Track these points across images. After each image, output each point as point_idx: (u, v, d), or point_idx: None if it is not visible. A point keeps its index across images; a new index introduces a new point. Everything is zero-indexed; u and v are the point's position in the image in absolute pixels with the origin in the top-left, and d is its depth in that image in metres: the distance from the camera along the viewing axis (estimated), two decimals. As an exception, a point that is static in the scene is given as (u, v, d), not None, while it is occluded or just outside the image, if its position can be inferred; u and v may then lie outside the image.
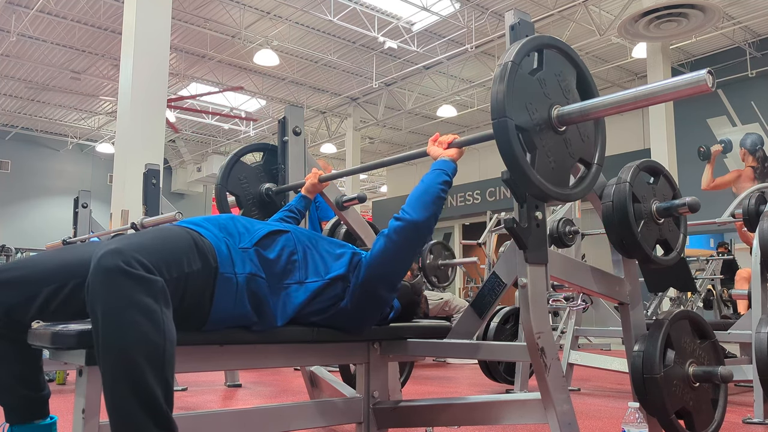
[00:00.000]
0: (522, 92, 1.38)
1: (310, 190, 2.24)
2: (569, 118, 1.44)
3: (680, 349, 1.81)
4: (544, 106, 1.43)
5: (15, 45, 10.03)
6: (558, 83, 1.48)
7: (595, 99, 1.44)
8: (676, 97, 1.26)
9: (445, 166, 1.72)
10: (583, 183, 1.54)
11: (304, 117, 2.55)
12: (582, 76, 1.55)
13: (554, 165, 1.44)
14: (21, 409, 1.48)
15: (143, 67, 5.74)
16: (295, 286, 1.59)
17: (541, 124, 1.41)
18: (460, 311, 5.03)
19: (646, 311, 5.10)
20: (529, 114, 1.39)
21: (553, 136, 1.44)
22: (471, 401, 1.76)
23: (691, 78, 1.20)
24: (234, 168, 2.48)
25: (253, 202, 2.52)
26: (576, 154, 1.51)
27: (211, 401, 3.29)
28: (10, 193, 14.43)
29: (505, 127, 1.32)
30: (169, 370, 1.24)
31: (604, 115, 1.45)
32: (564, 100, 1.48)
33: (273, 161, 2.56)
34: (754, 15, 9.02)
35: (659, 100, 1.30)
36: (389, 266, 1.65)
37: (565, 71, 1.51)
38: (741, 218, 3.01)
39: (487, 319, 2.41)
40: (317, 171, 2.25)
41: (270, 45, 9.90)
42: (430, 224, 1.65)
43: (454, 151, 1.76)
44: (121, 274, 1.21)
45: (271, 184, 2.54)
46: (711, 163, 10.43)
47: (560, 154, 1.46)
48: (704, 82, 1.17)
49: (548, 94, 1.44)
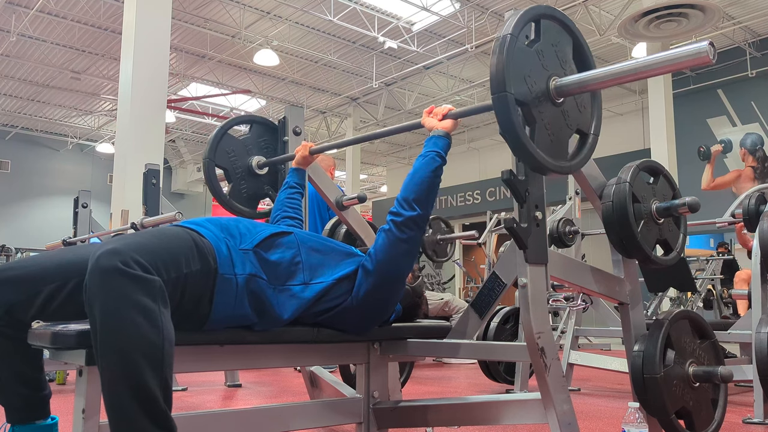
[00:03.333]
0: (520, 65, 1.35)
1: (301, 162, 2.23)
2: (568, 90, 1.42)
3: (680, 349, 1.81)
4: (543, 78, 1.41)
5: (15, 45, 10.03)
6: (555, 54, 1.45)
7: (594, 71, 1.42)
8: (675, 68, 1.23)
9: (438, 145, 1.70)
10: (581, 154, 1.53)
11: (304, 117, 2.55)
12: (578, 45, 1.52)
13: (553, 137, 1.42)
14: (22, 409, 1.48)
15: (143, 67, 5.74)
16: (299, 287, 1.59)
17: (540, 97, 1.39)
18: (460, 312, 5.03)
19: (646, 311, 5.10)
20: (528, 87, 1.36)
21: (552, 107, 1.42)
22: (471, 401, 1.76)
23: (691, 49, 1.18)
24: (222, 141, 2.43)
25: (242, 176, 2.47)
26: (573, 125, 1.49)
27: (211, 401, 3.29)
28: (10, 193, 14.43)
29: (505, 101, 1.30)
30: (168, 370, 1.24)
31: (603, 86, 1.42)
32: (561, 71, 1.46)
33: (261, 133, 2.52)
34: (754, 15, 9.02)
35: (658, 72, 1.27)
36: (396, 262, 1.65)
37: (562, 41, 1.48)
38: (741, 218, 3.01)
39: (487, 319, 2.41)
40: (307, 143, 2.24)
41: (270, 45, 9.90)
42: (430, 213, 1.67)
43: (449, 122, 1.74)
44: (118, 274, 1.21)
45: (259, 156, 2.50)
46: (711, 163, 10.43)
47: (558, 126, 1.44)
48: (705, 54, 1.15)
49: (546, 65, 1.42)
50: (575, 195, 3.75)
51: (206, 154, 2.41)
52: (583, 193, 2.08)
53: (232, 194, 2.44)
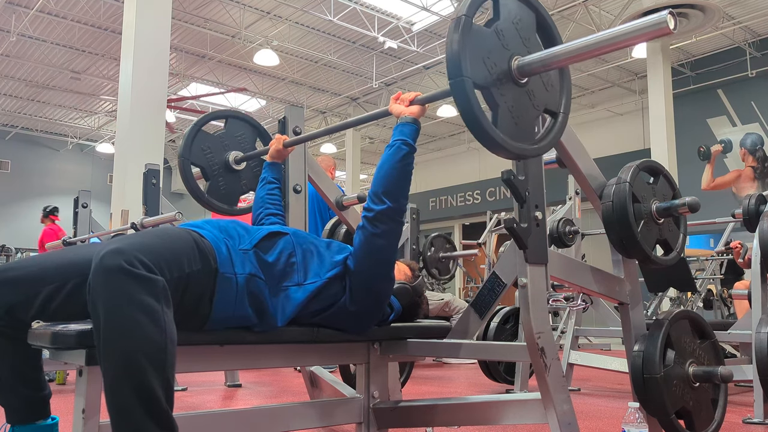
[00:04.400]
0: (478, 47, 1.28)
1: (275, 156, 2.19)
2: (530, 69, 1.35)
3: (680, 349, 1.81)
4: (503, 59, 1.33)
5: (15, 45, 10.03)
6: (517, 31, 1.38)
7: (556, 47, 1.35)
8: (637, 40, 1.18)
9: (404, 133, 1.67)
10: (551, 134, 1.45)
11: (304, 117, 2.54)
12: (542, 20, 1.45)
13: (518, 120, 1.36)
14: (22, 410, 1.48)
15: (143, 67, 5.73)
16: (294, 288, 1.59)
17: (501, 78, 1.32)
18: (460, 312, 5.03)
19: (646, 311, 5.10)
20: (488, 69, 1.30)
21: (515, 88, 1.35)
22: (471, 401, 1.76)
23: (652, 19, 1.13)
24: (196, 138, 2.39)
25: (219, 172, 2.43)
26: (540, 105, 1.43)
27: (211, 401, 3.29)
28: (10, 193, 14.43)
29: (462, 87, 1.24)
30: (171, 370, 1.24)
31: (567, 63, 1.37)
32: (524, 49, 1.38)
33: (236, 128, 2.49)
34: (754, 15, 9.02)
35: (620, 45, 1.22)
36: (377, 257, 1.65)
37: (524, 17, 1.41)
38: (741, 218, 3.01)
39: (487, 319, 2.41)
40: (281, 136, 2.20)
41: (270, 45, 9.90)
42: (404, 205, 1.65)
43: (416, 108, 1.71)
44: (122, 273, 1.22)
45: (237, 152, 2.46)
46: (711, 163, 10.43)
47: (524, 107, 1.38)
48: (665, 24, 1.10)
49: (507, 45, 1.35)
50: (575, 195, 3.75)
51: (181, 153, 2.36)
52: (583, 193, 2.08)
53: (210, 192, 2.41)
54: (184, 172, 2.38)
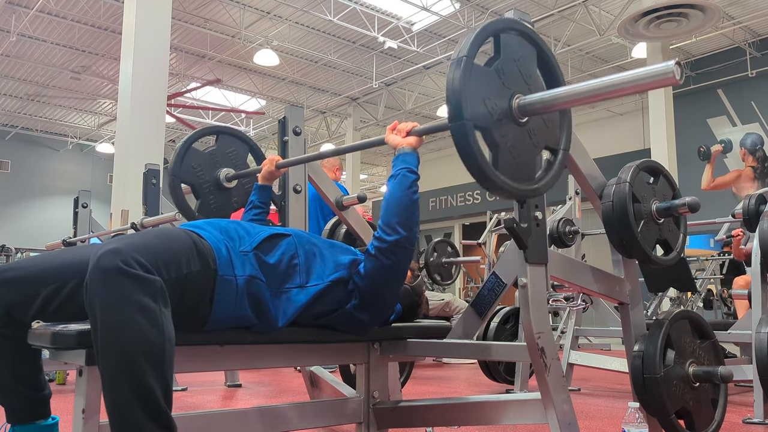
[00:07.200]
0: (479, 87, 1.27)
1: (267, 177, 2.14)
2: (532, 109, 1.34)
3: (680, 349, 1.81)
4: (504, 98, 1.32)
5: (15, 45, 10.03)
6: (518, 69, 1.37)
7: (558, 90, 1.33)
8: (642, 89, 1.17)
9: (407, 161, 1.67)
10: (551, 172, 1.45)
11: (304, 117, 2.53)
12: (542, 55, 1.44)
13: (518, 159, 1.35)
14: (22, 410, 1.48)
15: (143, 67, 5.73)
16: (296, 290, 1.58)
17: (502, 118, 1.31)
18: (460, 312, 5.03)
19: (646, 311, 5.10)
20: (488, 109, 1.28)
21: (515, 128, 1.34)
22: (471, 401, 1.76)
23: (658, 69, 1.12)
24: (186, 156, 2.33)
25: (209, 190, 2.38)
26: (541, 143, 1.42)
27: (211, 401, 3.29)
28: (10, 193, 14.42)
29: (463, 130, 1.23)
30: (169, 370, 1.24)
31: (569, 106, 1.36)
32: (525, 86, 1.37)
33: (228, 145, 2.44)
34: (754, 15, 9.02)
35: (624, 92, 1.20)
36: (389, 280, 1.65)
37: (524, 53, 1.40)
38: (741, 218, 3.01)
39: (487, 319, 2.41)
40: (274, 157, 2.15)
41: (270, 45, 9.90)
42: (417, 233, 1.63)
43: (413, 139, 1.70)
44: (119, 273, 1.22)
45: (228, 169, 2.41)
46: (711, 163, 10.43)
47: (524, 146, 1.36)
48: (671, 74, 1.09)
49: (507, 83, 1.34)
50: (575, 195, 3.75)
51: (171, 171, 2.32)
52: (583, 193, 2.08)
53: (201, 209, 2.37)
54: (173, 190, 2.33)
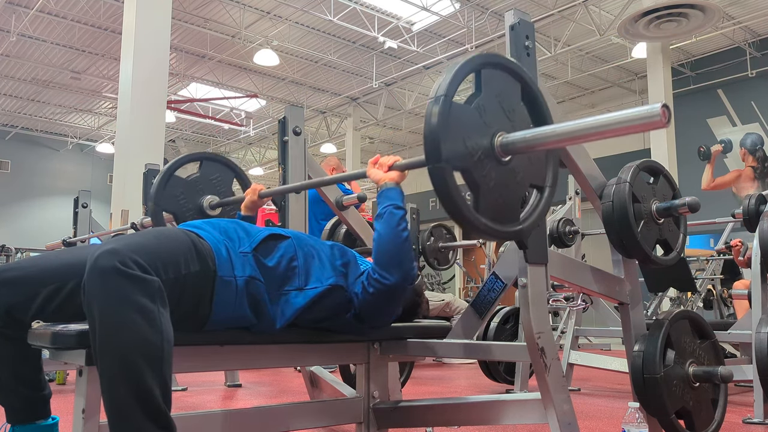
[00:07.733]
0: (458, 127, 1.21)
1: (250, 207, 2.10)
2: (514, 148, 1.28)
3: (680, 349, 1.81)
4: (486, 137, 1.26)
5: (15, 45, 10.03)
6: (500, 105, 1.31)
7: (542, 129, 1.27)
8: (627, 131, 1.11)
9: (391, 198, 1.62)
10: (536, 210, 1.39)
11: (304, 117, 2.53)
12: (528, 89, 1.38)
13: (500, 198, 1.29)
14: (22, 410, 1.48)
15: (143, 67, 5.74)
16: (294, 293, 1.58)
17: (483, 158, 1.25)
18: (460, 312, 5.04)
19: (646, 311, 5.10)
20: (469, 149, 1.22)
21: (498, 167, 1.27)
22: (471, 401, 1.76)
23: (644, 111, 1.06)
24: (168, 184, 2.28)
25: (193, 218, 2.33)
26: (525, 181, 1.35)
27: (211, 401, 3.29)
28: (10, 193, 14.42)
29: (440, 174, 1.17)
30: (167, 370, 1.24)
31: (553, 147, 1.29)
32: (507, 123, 1.31)
33: (211, 171, 2.39)
34: (754, 15, 9.02)
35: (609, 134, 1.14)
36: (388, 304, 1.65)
37: (507, 88, 1.34)
38: (741, 218, 3.01)
39: (487, 319, 2.41)
40: (257, 186, 2.12)
41: (270, 45, 9.90)
42: (413, 269, 1.61)
43: (395, 174, 1.65)
44: (117, 274, 1.21)
45: (212, 196, 2.37)
46: (711, 163, 10.43)
47: (507, 186, 1.30)
48: (658, 117, 1.03)
49: (489, 122, 1.27)
50: (575, 195, 3.75)
51: (152, 199, 2.27)
52: (583, 193, 2.08)
53: None
54: (155, 218, 2.30)
